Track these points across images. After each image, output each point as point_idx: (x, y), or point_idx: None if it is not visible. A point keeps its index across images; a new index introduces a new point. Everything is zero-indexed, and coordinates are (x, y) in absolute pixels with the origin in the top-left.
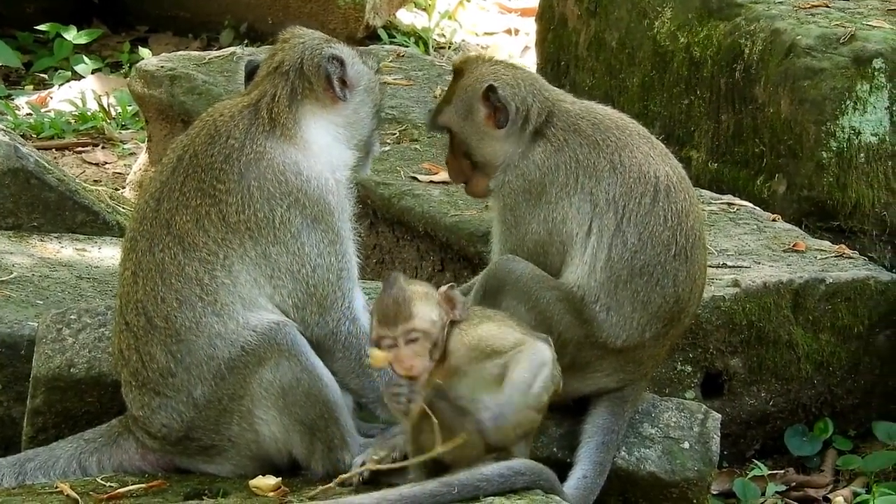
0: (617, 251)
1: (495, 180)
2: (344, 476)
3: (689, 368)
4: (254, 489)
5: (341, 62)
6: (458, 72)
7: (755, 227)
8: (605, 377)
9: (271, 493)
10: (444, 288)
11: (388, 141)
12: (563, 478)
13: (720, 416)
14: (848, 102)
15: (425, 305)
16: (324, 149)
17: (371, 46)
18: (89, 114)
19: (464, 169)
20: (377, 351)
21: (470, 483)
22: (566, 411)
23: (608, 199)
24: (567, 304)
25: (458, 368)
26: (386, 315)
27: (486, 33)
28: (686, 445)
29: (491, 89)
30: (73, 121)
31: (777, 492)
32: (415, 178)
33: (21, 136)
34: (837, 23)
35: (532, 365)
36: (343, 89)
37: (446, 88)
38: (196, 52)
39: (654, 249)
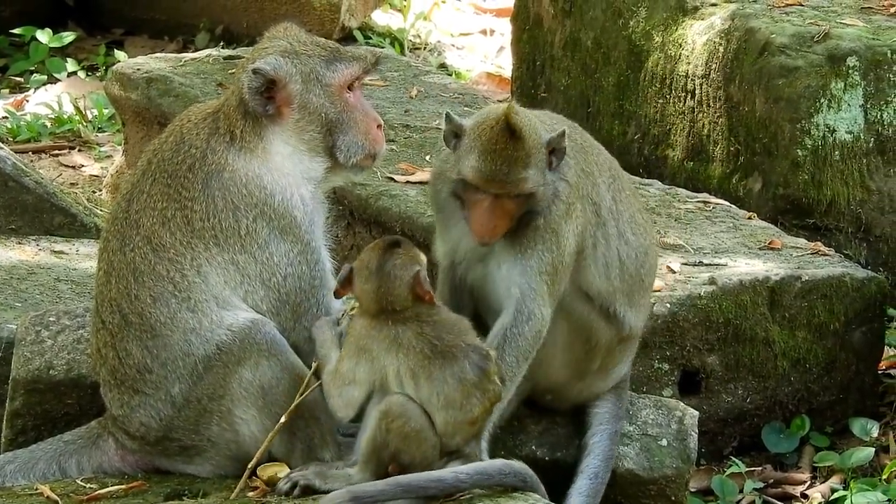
0: (624, 251)
1: (539, 211)
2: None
3: (666, 366)
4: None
5: (265, 77)
6: (516, 131)
7: (731, 225)
8: (623, 366)
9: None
10: None
11: None
12: (555, 477)
13: (698, 413)
14: (822, 100)
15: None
16: (286, 159)
17: (347, 47)
18: (66, 117)
19: (509, 221)
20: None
21: (448, 481)
22: (547, 410)
23: (608, 207)
24: (598, 311)
25: None
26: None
27: (461, 34)
28: (664, 443)
29: (561, 138)
30: (49, 124)
31: (755, 489)
32: (391, 179)
33: None
34: (812, 21)
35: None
36: (266, 105)
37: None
38: (172, 55)
39: (647, 240)
